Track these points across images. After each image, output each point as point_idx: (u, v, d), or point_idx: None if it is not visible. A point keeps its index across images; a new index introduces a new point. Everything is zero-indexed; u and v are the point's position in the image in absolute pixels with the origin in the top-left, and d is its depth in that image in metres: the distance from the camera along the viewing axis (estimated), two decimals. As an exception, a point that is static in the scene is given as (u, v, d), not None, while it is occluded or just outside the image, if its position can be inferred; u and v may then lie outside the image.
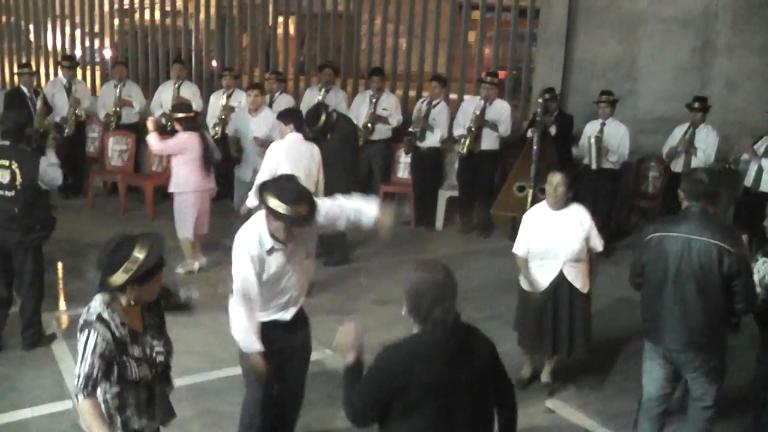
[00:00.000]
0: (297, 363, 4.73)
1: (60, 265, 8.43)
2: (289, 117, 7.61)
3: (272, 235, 4.20)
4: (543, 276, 5.60)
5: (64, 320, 7.14)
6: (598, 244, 5.66)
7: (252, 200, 7.14)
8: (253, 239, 4.23)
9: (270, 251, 4.24)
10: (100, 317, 3.29)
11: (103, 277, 3.30)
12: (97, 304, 3.33)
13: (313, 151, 7.51)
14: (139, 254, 3.27)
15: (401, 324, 3.36)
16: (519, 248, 5.72)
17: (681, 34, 9.78)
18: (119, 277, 3.25)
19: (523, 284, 5.76)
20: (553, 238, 5.53)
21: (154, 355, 3.46)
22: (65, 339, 6.64)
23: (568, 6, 10.13)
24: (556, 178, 5.56)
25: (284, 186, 4.16)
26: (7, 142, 6.07)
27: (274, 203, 4.05)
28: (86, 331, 3.26)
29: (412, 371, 3.08)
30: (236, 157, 8.95)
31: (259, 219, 4.25)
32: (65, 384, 5.82)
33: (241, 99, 10.15)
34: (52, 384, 5.85)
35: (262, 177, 7.30)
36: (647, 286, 4.67)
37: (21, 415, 5.41)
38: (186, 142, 8.03)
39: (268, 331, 4.36)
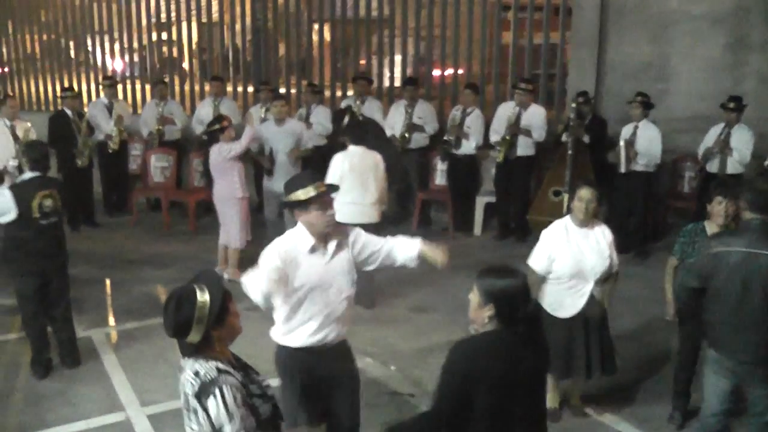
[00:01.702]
0: (345, 394, 4.52)
1: (108, 281, 8.65)
2: (348, 133, 7.81)
3: (315, 233, 4.23)
4: (574, 299, 5.26)
5: (113, 335, 7.33)
6: (616, 263, 5.37)
7: None
8: (289, 240, 4.29)
9: (312, 249, 4.24)
10: (219, 370, 3.02)
11: (181, 342, 3.07)
12: (202, 365, 3.04)
13: (376, 159, 7.62)
14: (203, 297, 3.03)
15: (438, 331, 3.47)
16: (537, 263, 5.30)
17: (712, 31, 9.75)
18: (198, 331, 3.01)
19: (548, 307, 5.32)
20: (584, 258, 5.21)
21: (266, 389, 3.25)
22: (115, 353, 6.85)
23: (599, 9, 10.15)
24: (587, 194, 5.19)
25: (295, 177, 4.37)
26: (37, 173, 6.21)
27: (299, 194, 4.18)
28: (215, 390, 2.97)
29: (485, 361, 3.22)
30: (269, 168, 9.07)
31: (298, 229, 4.31)
32: (117, 396, 6.02)
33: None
34: (104, 397, 6.03)
35: None
36: (714, 301, 4.55)
37: (75, 428, 5.59)
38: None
39: (303, 357, 4.29)
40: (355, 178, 7.36)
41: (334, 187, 4.42)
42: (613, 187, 9.18)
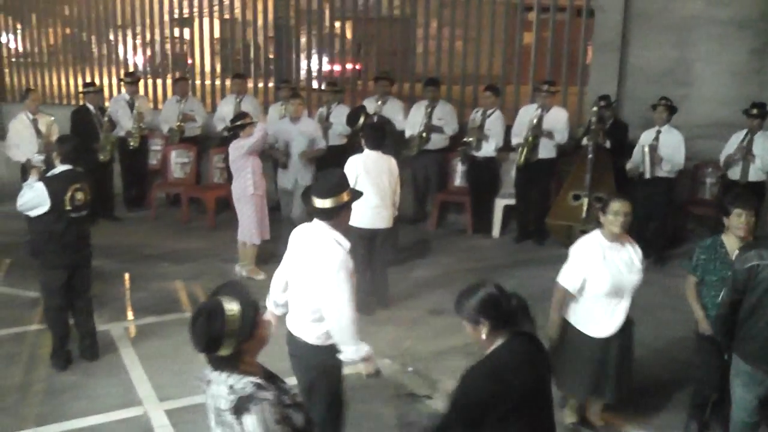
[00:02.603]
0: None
1: (126, 276, 8.70)
2: (364, 134, 7.81)
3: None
4: (611, 317, 5.06)
5: (132, 330, 7.37)
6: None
7: None
8: (341, 243, 4.30)
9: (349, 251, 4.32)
10: (256, 385, 2.97)
11: (212, 356, 3.01)
12: (236, 380, 2.98)
13: (391, 164, 7.63)
14: (233, 310, 2.97)
15: (456, 334, 3.50)
16: (570, 282, 5.05)
17: (738, 36, 9.70)
18: (229, 345, 2.95)
19: (580, 325, 5.13)
20: (621, 275, 5.02)
21: (295, 397, 3.20)
22: (133, 347, 6.89)
23: (622, 12, 10.11)
24: (622, 207, 4.99)
25: (333, 181, 4.35)
26: (69, 166, 6.29)
27: (342, 197, 4.26)
28: (252, 407, 2.91)
29: (507, 382, 3.26)
30: (284, 162, 9.15)
31: (322, 228, 4.33)
32: (135, 391, 6.06)
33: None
34: (122, 391, 6.07)
35: None
36: (750, 315, 4.52)
37: (93, 421, 5.63)
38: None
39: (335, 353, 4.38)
40: (369, 181, 7.35)
41: (358, 194, 4.48)
42: (634, 192, 9.13)
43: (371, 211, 7.35)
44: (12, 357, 6.65)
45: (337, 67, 12.85)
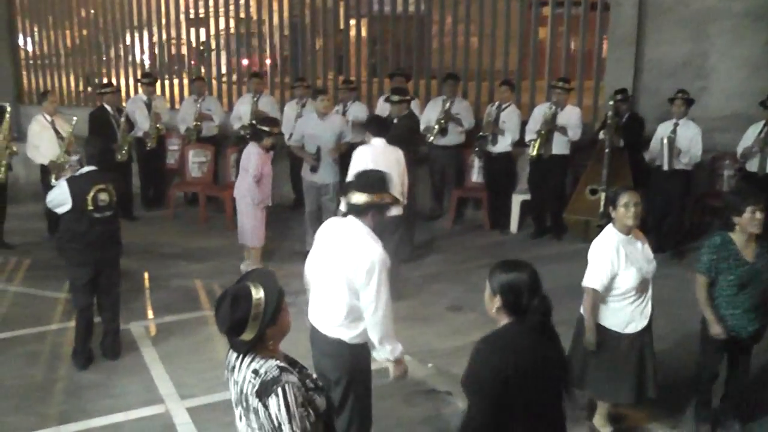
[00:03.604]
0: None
1: (146, 275, 8.75)
2: (374, 126, 7.89)
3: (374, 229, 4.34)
4: (642, 309, 5.06)
5: (152, 328, 7.41)
6: None
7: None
8: (376, 241, 4.31)
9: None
10: (281, 368, 3.02)
11: (234, 340, 3.06)
12: (261, 364, 3.03)
13: (398, 155, 7.68)
14: (258, 295, 3.03)
15: (475, 329, 3.51)
16: (598, 282, 4.97)
17: (754, 28, 9.65)
18: (252, 329, 3.01)
19: (616, 327, 5.06)
20: (642, 267, 5.02)
21: (316, 381, 3.23)
22: (154, 346, 6.94)
23: (637, 5, 10.07)
24: (632, 198, 4.96)
25: (376, 180, 4.41)
26: (94, 167, 6.38)
27: (384, 197, 4.32)
28: (277, 389, 2.94)
29: (510, 360, 3.28)
30: (314, 165, 9.02)
31: (357, 225, 4.34)
32: (156, 389, 6.10)
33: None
34: (143, 389, 6.11)
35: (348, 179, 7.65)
36: None
37: (115, 419, 5.68)
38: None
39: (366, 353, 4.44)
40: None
41: (396, 201, 4.65)
42: (651, 186, 9.11)
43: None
44: (34, 356, 6.71)
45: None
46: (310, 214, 9.17)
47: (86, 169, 6.37)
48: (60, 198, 6.24)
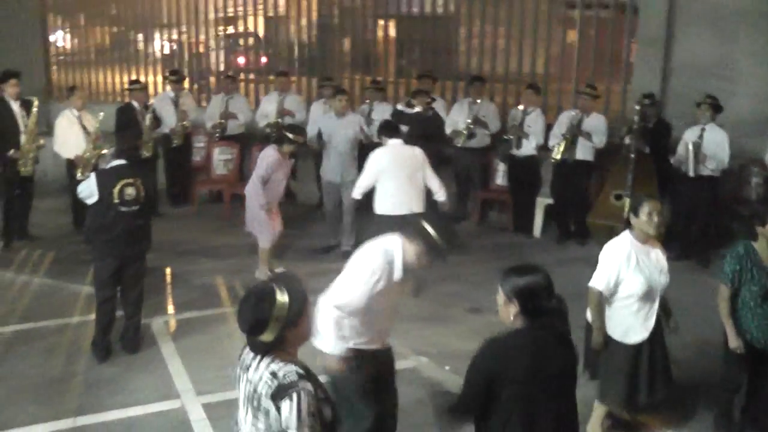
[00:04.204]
0: (387, 388, 4.75)
1: (168, 271, 8.78)
2: (385, 130, 8.01)
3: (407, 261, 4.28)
4: (645, 321, 4.99)
5: (172, 324, 7.44)
6: None
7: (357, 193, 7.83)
8: (389, 262, 4.28)
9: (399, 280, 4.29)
10: (299, 375, 3.01)
11: (254, 339, 3.07)
12: (280, 367, 3.03)
13: (416, 151, 7.79)
14: (282, 298, 3.03)
15: (493, 332, 3.49)
16: (601, 283, 4.96)
17: (785, 31, 9.51)
18: (273, 330, 3.02)
19: (617, 335, 5.04)
20: (652, 277, 4.94)
21: (326, 392, 3.21)
22: (173, 341, 6.96)
23: (666, 8, 9.95)
24: (656, 206, 4.90)
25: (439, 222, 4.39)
26: (123, 161, 6.45)
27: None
28: (292, 394, 2.95)
29: (512, 359, 3.31)
30: (317, 150, 9.36)
31: (394, 243, 4.32)
32: (173, 384, 6.13)
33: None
34: (160, 384, 6.13)
35: (364, 181, 7.82)
36: None
37: (132, 413, 5.70)
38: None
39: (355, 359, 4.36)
40: (396, 170, 7.59)
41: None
42: (677, 192, 9.00)
43: (401, 197, 7.55)
44: (53, 349, 6.76)
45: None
46: (330, 212, 9.33)
47: (115, 162, 6.47)
48: (88, 190, 6.35)
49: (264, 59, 14.02)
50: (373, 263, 4.25)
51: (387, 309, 4.40)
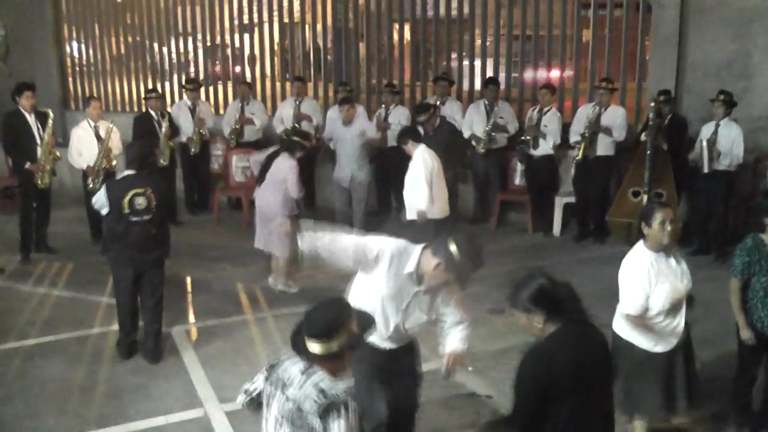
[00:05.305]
0: (404, 384, 4.69)
1: (189, 278, 8.81)
2: (408, 135, 8.15)
3: (420, 275, 4.23)
4: (671, 332, 4.81)
5: (193, 332, 7.46)
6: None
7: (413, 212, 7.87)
8: (405, 253, 4.27)
9: (409, 275, 4.24)
10: (349, 394, 3.05)
11: (308, 350, 3.11)
12: (329, 385, 3.04)
13: (436, 156, 8.00)
14: (356, 313, 3.19)
15: (516, 333, 3.52)
16: (635, 307, 4.73)
17: (799, 27, 9.43)
18: (340, 340, 3.06)
19: (645, 345, 4.84)
20: (675, 283, 4.76)
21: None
22: (194, 349, 6.97)
23: (679, 6, 9.92)
24: (669, 214, 4.68)
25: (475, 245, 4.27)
26: (132, 171, 6.49)
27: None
28: (342, 411, 2.98)
29: (558, 362, 3.34)
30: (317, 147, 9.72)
31: (416, 250, 4.27)
32: (196, 392, 6.14)
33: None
34: (183, 393, 6.15)
35: (425, 189, 7.82)
36: None
37: (155, 422, 5.71)
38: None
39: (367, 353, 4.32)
40: (440, 172, 7.95)
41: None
42: (693, 188, 8.95)
43: (445, 199, 8.05)
44: (75, 359, 6.78)
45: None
46: (340, 212, 9.72)
47: (126, 173, 6.52)
48: (100, 201, 6.42)
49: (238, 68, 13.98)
50: (381, 241, 4.28)
51: (387, 309, 4.32)
